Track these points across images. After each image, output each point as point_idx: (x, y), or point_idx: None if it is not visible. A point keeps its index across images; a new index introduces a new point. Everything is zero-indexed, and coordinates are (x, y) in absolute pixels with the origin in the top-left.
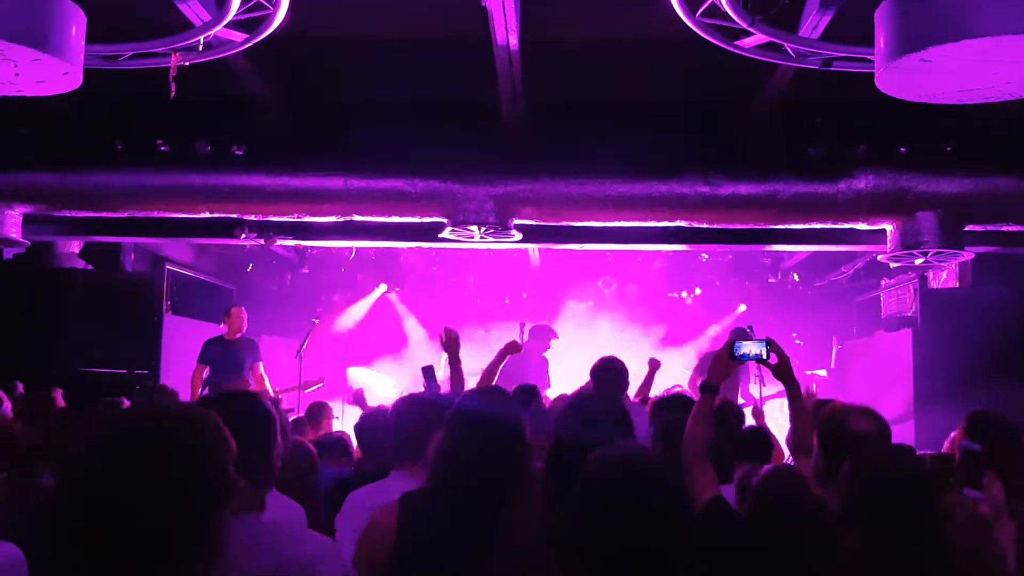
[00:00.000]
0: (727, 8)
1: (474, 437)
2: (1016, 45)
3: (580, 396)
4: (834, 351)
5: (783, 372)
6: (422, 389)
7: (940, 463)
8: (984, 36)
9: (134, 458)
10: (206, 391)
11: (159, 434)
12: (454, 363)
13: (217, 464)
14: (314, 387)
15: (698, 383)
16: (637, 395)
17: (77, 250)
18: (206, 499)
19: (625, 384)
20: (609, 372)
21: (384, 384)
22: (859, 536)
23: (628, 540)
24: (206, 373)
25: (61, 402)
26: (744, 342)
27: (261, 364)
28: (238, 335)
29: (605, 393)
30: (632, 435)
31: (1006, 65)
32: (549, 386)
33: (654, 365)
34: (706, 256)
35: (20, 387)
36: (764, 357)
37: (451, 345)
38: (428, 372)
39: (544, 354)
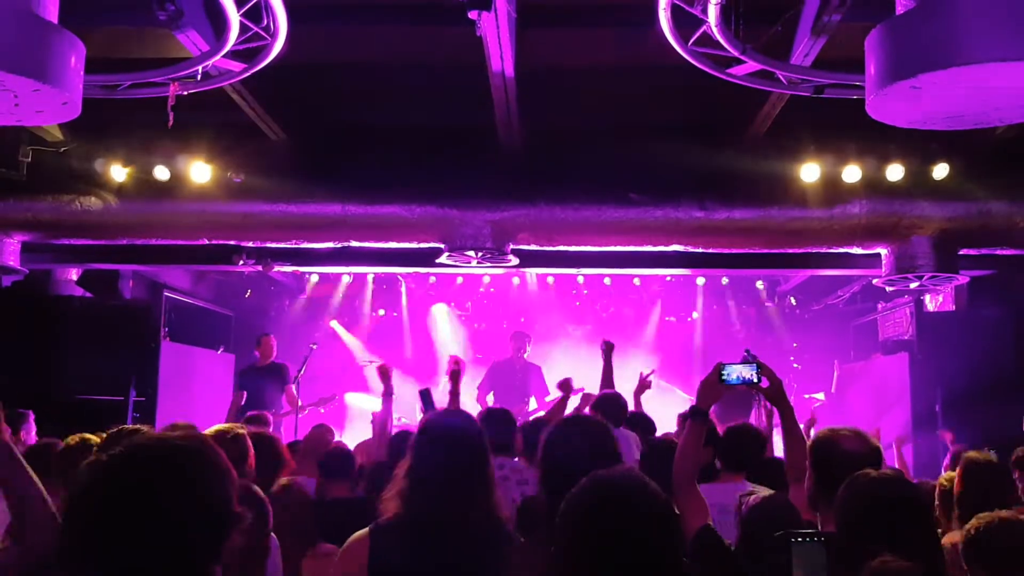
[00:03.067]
0: (719, 37)
1: (440, 462)
2: (1004, 72)
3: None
4: (835, 375)
5: (775, 396)
6: (419, 414)
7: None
8: (973, 63)
9: (134, 493)
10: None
11: (162, 467)
12: (455, 392)
13: (219, 497)
14: (328, 402)
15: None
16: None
17: (75, 277)
18: (208, 534)
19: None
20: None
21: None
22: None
23: (617, 566)
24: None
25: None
26: (734, 366)
27: (293, 386)
28: (268, 362)
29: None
30: (621, 461)
31: (995, 91)
32: (548, 393)
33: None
34: (702, 280)
35: (31, 416)
36: (755, 381)
37: (456, 375)
38: (425, 396)
39: (534, 360)
